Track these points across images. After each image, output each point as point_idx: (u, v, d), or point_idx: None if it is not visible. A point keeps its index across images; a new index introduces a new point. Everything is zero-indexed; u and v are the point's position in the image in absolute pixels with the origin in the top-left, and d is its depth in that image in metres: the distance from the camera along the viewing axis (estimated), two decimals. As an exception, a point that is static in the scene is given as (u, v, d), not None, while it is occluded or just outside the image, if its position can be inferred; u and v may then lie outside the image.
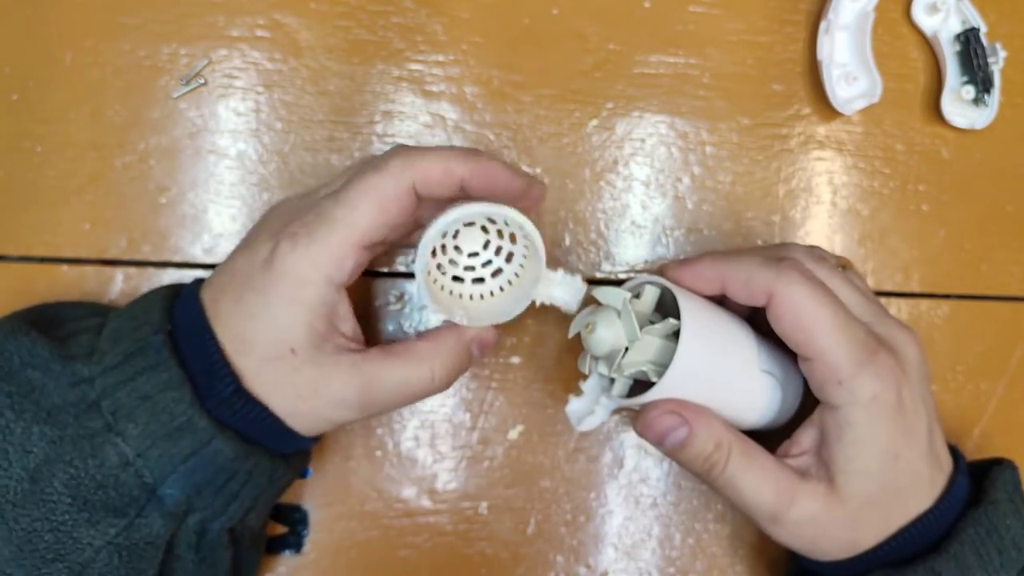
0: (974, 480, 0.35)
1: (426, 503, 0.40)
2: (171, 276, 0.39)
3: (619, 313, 0.32)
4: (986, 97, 0.43)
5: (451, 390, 0.40)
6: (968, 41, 0.43)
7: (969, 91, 0.43)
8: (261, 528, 0.36)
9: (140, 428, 0.30)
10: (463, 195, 0.32)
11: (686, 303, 0.33)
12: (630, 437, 0.41)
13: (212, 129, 0.40)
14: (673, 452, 0.33)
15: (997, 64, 0.43)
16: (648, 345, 0.32)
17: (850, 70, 0.43)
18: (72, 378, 0.30)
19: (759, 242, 0.43)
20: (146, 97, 0.40)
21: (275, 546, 0.39)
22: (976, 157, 0.45)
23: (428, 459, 0.40)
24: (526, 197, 0.32)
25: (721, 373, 0.33)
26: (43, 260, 0.39)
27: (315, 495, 0.39)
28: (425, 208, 0.32)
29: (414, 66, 0.41)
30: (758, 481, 0.32)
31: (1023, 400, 0.44)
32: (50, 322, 0.33)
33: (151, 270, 0.39)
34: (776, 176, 0.43)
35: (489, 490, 0.40)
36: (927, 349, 0.43)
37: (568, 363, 0.41)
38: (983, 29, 0.43)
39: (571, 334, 0.33)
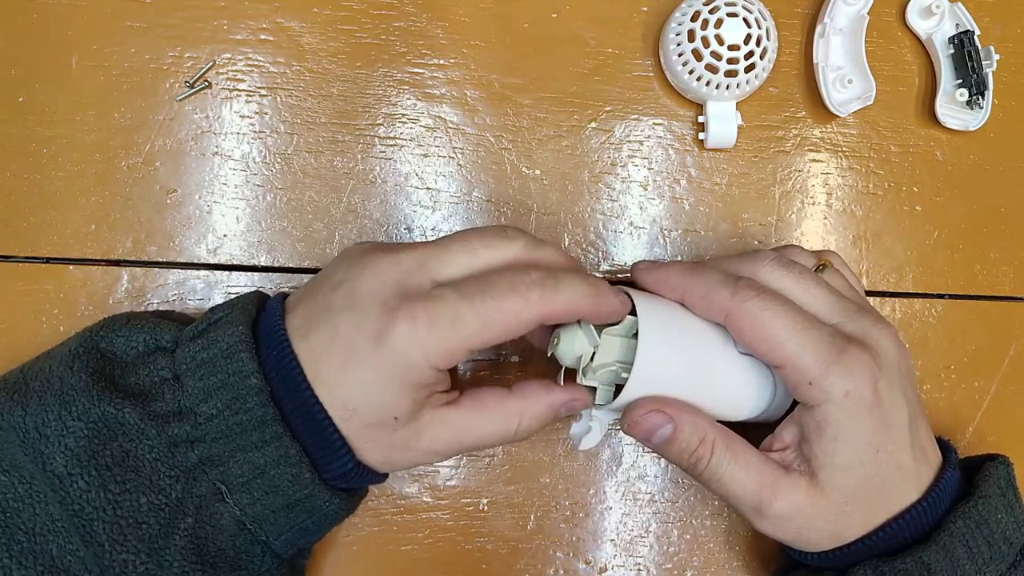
0: (967, 475, 0.36)
1: (427, 499, 0.41)
2: (176, 276, 0.40)
3: (579, 322, 0.33)
4: (980, 99, 0.44)
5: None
6: (962, 44, 0.43)
7: (963, 93, 0.43)
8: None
9: (255, 499, 0.30)
10: None
11: (642, 300, 0.34)
12: (629, 437, 0.42)
13: (217, 131, 0.41)
14: (660, 448, 0.34)
15: (991, 67, 0.43)
16: (611, 346, 0.33)
17: (845, 73, 0.43)
18: (169, 441, 0.30)
19: (756, 243, 0.43)
20: (151, 100, 0.40)
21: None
22: (970, 159, 0.45)
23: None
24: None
25: (695, 361, 0.34)
26: (49, 260, 0.39)
27: (318, 492, 0.40)
28: None
29: (416, 69, 0.42)
30: (742, 474, 0.33)
31: (1016, 399, 0.45)
32: (112, 361, 0.32)
33: (156, 270, 0.40)
34: (772, 178, 0.44)
35: (489, 486, 0.41)
36: (921, 349, 0.44)
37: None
38: (977, 32, 0.43)
39: (549, 353, 0.34)
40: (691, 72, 0.41)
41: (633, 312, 0.34)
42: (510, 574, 0.41)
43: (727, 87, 0.41)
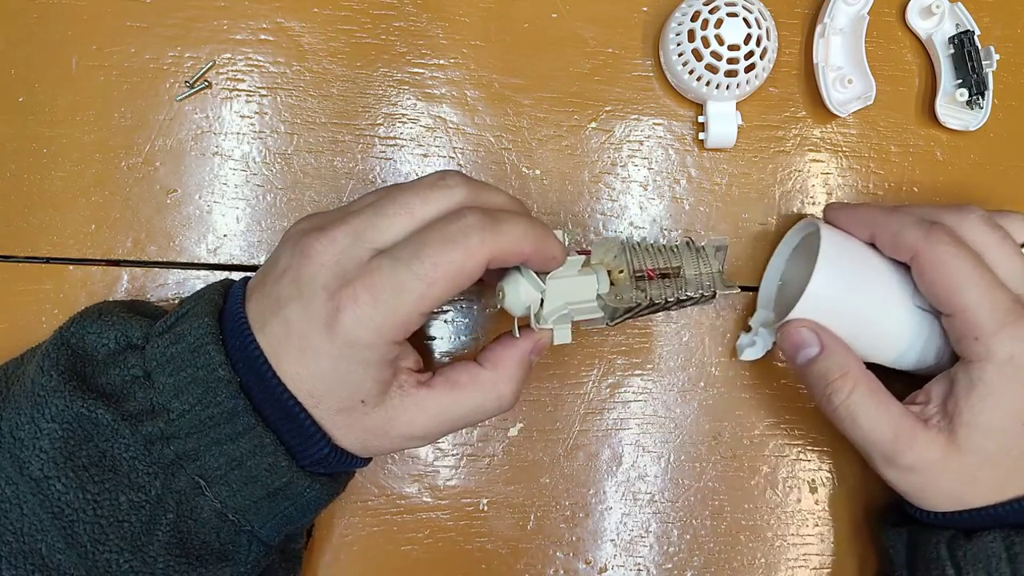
0: None
1: (427, 499, 0.41)
2: (176, 276, 0.40)
3: (519, 270, 0.33)
4: (980, 99, 0.44)
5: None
6: (962, 44, 0.43)
7: (963, 93, 0.43)
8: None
9: (235, 491, 0.30)
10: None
11: (828, 229, 0.37)
12: (628, 435, 0.42)
13: (217, 131, 0.41)
14: (802, 369, 0.35)
15: (991, 67, 0.43)
16: (558, 289, 0.33)
17: (845, 73, 0.43)
18: (144, 439, 0.30)
19: (755, 243, 0.43)
20: (151, 100, 0.40)
21: (279, 542, 0.40)
22: (970, 158, 0.45)
23: (429, 456, 0.41)
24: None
25: (868, 300, 0.36)
26: (49, 260, 0.39)
27: (318, 492, 0.40)
28: None
29: (416, 69, 0.42)
30: (879, 418, 0.34)
31: (1016, 398, 0.45)
32: (84, 359, 0.32)
33: (156, 270, 0.40)
34: (772, 178, 0.44)
35: (489, 487, 0.41)
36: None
37: (567, 361, 0.42)
38: (977, 32, 0.43)
39: (497, 307, 0.34)
40: (691, 72, 0.41)
41: (584, 258, 0.34)
42: (510, 574, 0.41)
43: (727, 87, 0.41)
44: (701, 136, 0.43)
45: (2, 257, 0.39)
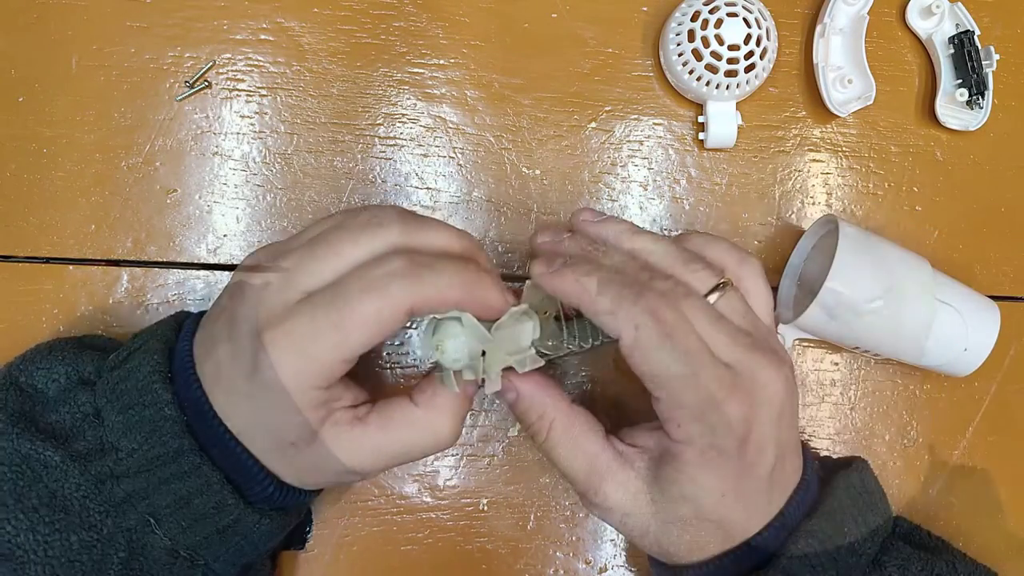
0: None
1: (427, 499, 0.41)
2: (176, 276, 0.40)
3: (459, 320, 0.31)
4: (980, 99, 0.44)
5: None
6: (962, 44, 0.44)
7: (963, 93, 0.43)
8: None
9: (184, 529, 0.30)
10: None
11: (846, 232, 0.38)
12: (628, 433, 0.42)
13: (217, 131, 0.41)
14: (511, 410, 0.35)
15: (991, 67, 0.43)
16: (501, 339, 0.32)
17: (845, 73, 0.43)
18: (94, 478, 0.30)
19: (756, 243, 0.43)
20: (151, 100, 0.40)
21: (280, 542, 0.40)
22: (970, 158, 0.45)
23: (429, 456, 0.41)
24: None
25: (885, 299, 0.37)
26: (49, 260, 0.39)
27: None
28: None
29: (416, 69, 0.42)
30: (572, 457, 0.33)
31: (1017, 398, 0.45)
32: (33, 397, 0.32)
33: (156, 270, 0.40)
34: (772, 178, 0.44)
35: (489, 487, 0.41)
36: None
37: (567, 361, 0.42)
38: (977, 32, 0.43)
39: (427, 360, 0.33)
40: (691, 72, 0.41)
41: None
42: (510, 574, 0.41)
43: (727, 87, 0.41)
44: (701, 136, 0.43)
45: (2, 257, 0.39)
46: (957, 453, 0.44)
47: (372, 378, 0.41)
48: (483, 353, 0.32)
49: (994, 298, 0.41)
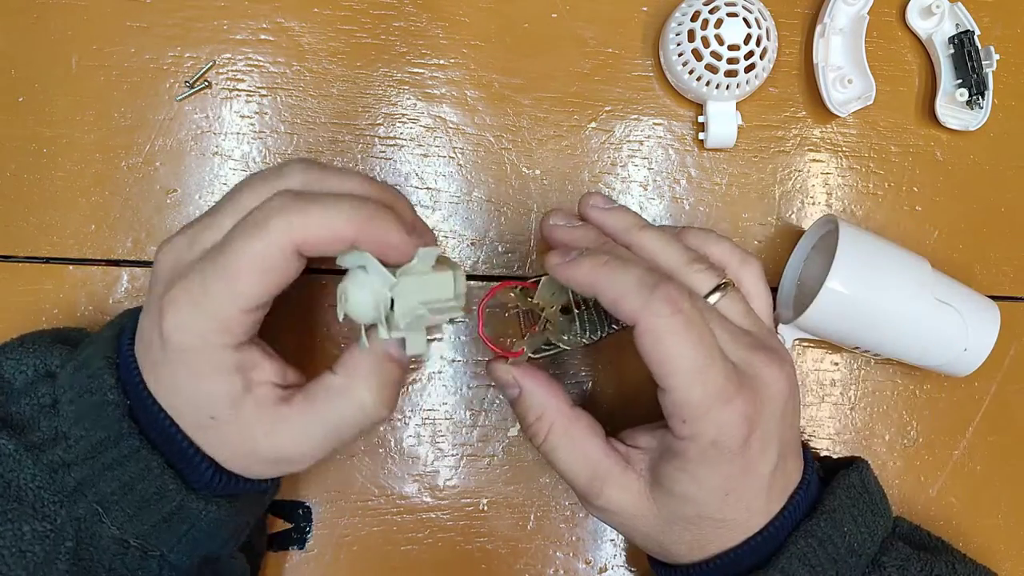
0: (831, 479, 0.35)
1: (427, 499, 0.41)
2: (176, 276, 0.40)
3: (365, 268, 0.29)
4: (980, 99, 0.44)
5: (451, 388, 0.41)
6: (962, 44, 0.43)
7: (963, 93, 0.43)
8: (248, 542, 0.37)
9: (130, 516, 0.29)
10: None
11: (846, 231, 0.38)
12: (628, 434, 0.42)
13: (217, 131, 0.41)
14: (511, 406, 0.34)
15: (991, 67, 0.43)
16: (413, 286, 0.29)
17: (845, 73, 0.43)
18: (47, 467, 0.29)
19: (756, 243, 0.43)
20: (151, 99, 0.40)
21: (280, 542, 0.40)
22: (970, 158, 0.45)
23: (429, 456, 0.41)
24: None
25: (885, 298, 0.37)
26: (49, 260, 0.39)
27: (318, 492, 0.40)
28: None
29: (416, 69, 0.42)
30: (574, 462, 0.33)
31: (1017, 398, 0.45)
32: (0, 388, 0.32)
33: (156, 270, 0.40)
34: (772, 178, 0.44)
35: (489, 486, 0.41)
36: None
37: (567, 361, 0.42)
38: (977, 32, 0.43)
39: (339, 316, 0.30)
40: (691, 72, 0.41)
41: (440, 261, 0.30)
42: (510, 574, 0.41)
43: (727, 87, 0.41)
44: (701, 136, 0.43)
45: (2, 257, 0.39)
46: (957, 453, 0.44)
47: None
48: (393, 305, 0.29)
49: (994, 298, 0.41)
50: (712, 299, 0.32)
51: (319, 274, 0.40)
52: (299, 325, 0.40)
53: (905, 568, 0.34)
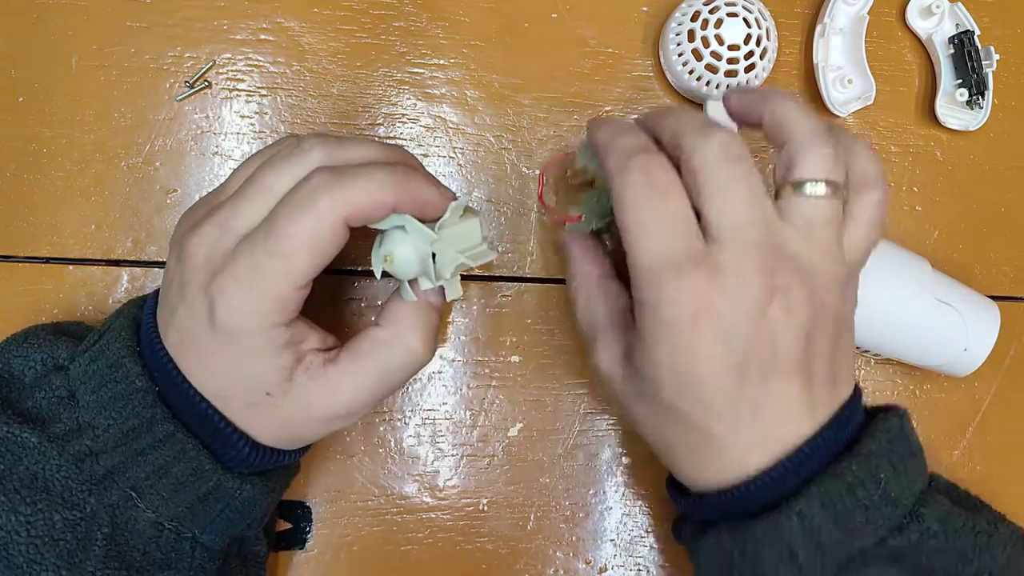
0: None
1: (427, 499, 0.41)
2: (176, 276, 0.40)
3: (403, 228, 0.31)
4: (980, 99, 0.44)
5: (451, 388, 0.41)
6: (962, 44, 0.43)
7: (963, 93, 0.43)
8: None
9: (165, 500, 0.30)
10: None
11: None
12: (629, 434, 0.42)
13: (217, 131, 0.41)
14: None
15: (991, 67, 0.43)
16: (449, 237, 0.31)
17: (845, 73, 0.43)
18: (73, 457, 0.30)
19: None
20: (151, 99, 0.40)
21: (280, 542, 0.40)
22: (970, 159, 0.45)
23: (429, 456, 0.41)
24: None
25: (884, 297, 0.37)
26: (49, 260, 0.39)
27: (318, 492, 0.40)
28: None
29: (416, 69, 0.42)
30: (582, 320, 0.34)
31: (1017, 398, 0.45)
32: (10, 383, 0.32)
33: (156, 270, 0.40)
34: (772, 178, 0.44)
35: (489, 487, 0.41)
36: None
37: (567, 361, 0.42)
38: (977, 32, 0.43)
39: (378, 275, 0.32)
40: (691, 72, 0.41)
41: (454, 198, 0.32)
42: (510, 574, 0.41)
43: (727, 87, 0.41)
44: None
45: (2, 257, 0.39)
46: (957, 453, 0.44)
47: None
48: (434, 257, 0.31)
49: (994, 298, 0.41)
50: (796, 193, 0.30)
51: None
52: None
53: (947, 522, 0.31)
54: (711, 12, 0.40)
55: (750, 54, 0.40)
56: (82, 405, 0.31)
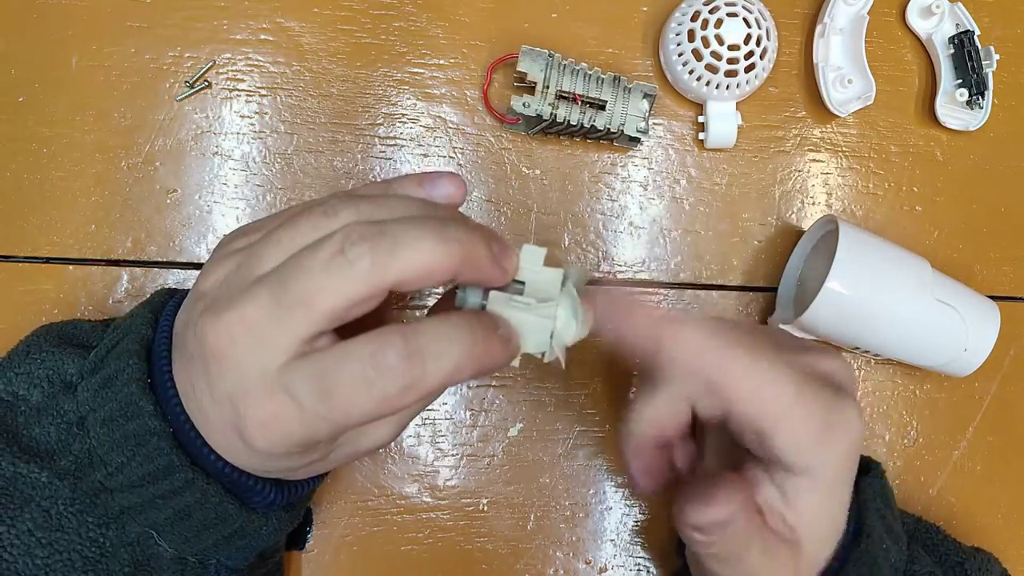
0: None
1: (427, 499, 0.41)
2: (176, 276, 0.40)
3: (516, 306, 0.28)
4: (980, 99, 0.44)
5: (451, 388, 0.41)
6: (962, 44, 0.43)
7: (963, 93, 0.43)
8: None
9: (187, 539, 0.29)
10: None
11: (846, 231, 0.38)
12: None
13: (217, 131, 0.41)
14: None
15: (991, 67, 0.43)
16: (560, 308, 0.29)
17: (845, 73, 0.43)
18: (86, 492, 0.28)
19: (756, 242, 0.43)
20: (151, 99, 0.40)
21: (279, 542, 0.40)
22: (969, 158, 0.45)
23: (429, 456, 0.41)
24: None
25: (885, 298, 0.38)
26: (49, 260, 0.39)
27: (318, 492, 0.40)
28: None
29: (416, 69, 0.42)
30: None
31: (1017, 398, 0.45)
32: (14, 408, 0.30)
33: (156, 270, 0.40)
34: (772, 178, 0.44)
35: (489, 487, 0.41)
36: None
37: (567, 361, 0.42)
38: (977, 32, 0.43)
39: (547, 359, 0.29)
40: (691, 72, 0.41)
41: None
42: (510, 574, 0.41)
43: (727, 87, 0.41)
44: (701, 136, 0.43)
45: (2, 257, 0.39)
46: (957, 453, 0.44)
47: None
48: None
49: (994, 298, 0.41)
50: None
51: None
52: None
53: None
54: (711, 12, 0.40)
55: (750, 54, 0.40)
56: (92, 436, 0.29)
